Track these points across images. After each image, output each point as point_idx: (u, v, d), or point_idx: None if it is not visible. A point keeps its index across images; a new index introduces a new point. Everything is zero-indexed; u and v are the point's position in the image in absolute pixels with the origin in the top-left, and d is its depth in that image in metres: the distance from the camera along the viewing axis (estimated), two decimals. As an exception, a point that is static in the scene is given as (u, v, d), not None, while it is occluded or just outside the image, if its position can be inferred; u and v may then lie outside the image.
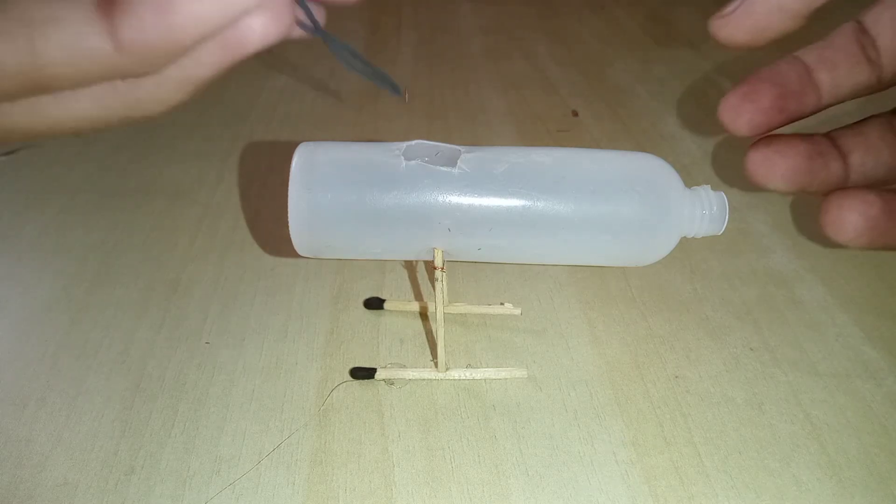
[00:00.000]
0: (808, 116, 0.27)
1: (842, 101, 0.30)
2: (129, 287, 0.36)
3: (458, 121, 0.52)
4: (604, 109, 0.54)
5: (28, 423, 0.28)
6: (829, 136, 0.31)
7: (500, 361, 0.31)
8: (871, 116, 0.31)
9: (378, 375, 0.30)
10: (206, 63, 0.15)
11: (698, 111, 0.53)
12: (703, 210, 0.27)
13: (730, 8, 0.23)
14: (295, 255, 0.27)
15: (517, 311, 0.34)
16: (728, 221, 0.27)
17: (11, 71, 0.13)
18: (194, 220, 0.40)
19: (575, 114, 0.53)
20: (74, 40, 0.13)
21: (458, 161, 0.26)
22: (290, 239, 0.26)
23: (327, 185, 0.25)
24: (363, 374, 0.30)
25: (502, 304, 0.34)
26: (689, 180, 0.32)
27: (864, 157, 0.30)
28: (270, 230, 0.40)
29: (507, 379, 0.30)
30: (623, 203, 0.26)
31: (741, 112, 0.25)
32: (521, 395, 0.30)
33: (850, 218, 0.28)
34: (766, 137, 0.26)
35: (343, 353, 0.32)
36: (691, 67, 0.59)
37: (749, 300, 0.35)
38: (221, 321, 0.33)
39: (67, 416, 0.29)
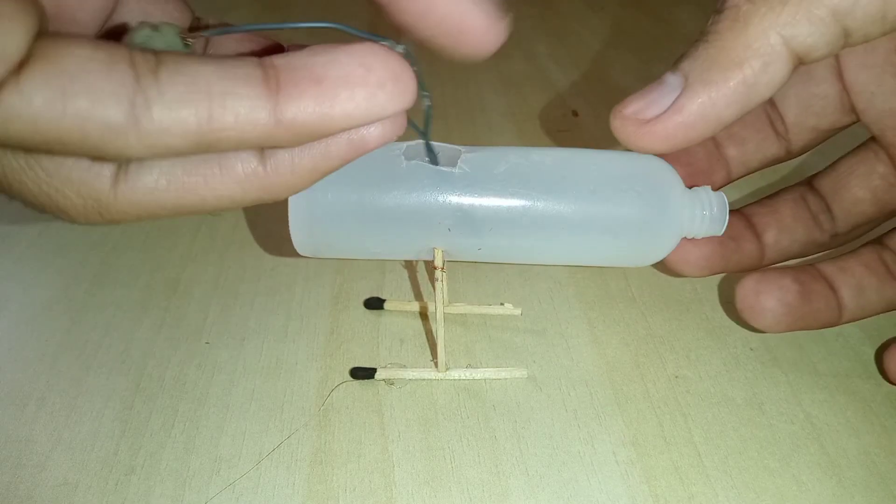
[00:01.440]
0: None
1: (751, 173, 0.31)
2: (129, 287, 0.36)
3: (458, 121, 0.52)
4: (604, 109, 0.54)
5: (28, 423, 0.28)
6: (743, 214, 0.31)
7: (500, 361, 0.31)
8: (783, 190, 0.31)
9: (378, 375, 0.30)
10: (334, 156, 0.18)
11: (698, 111, 0.53)
12: (704, 211, 0.27)
13: (652, 111, 0.23)
14: (295, 254, 0.27)
15: (517, 312, 0.34)
16: (728, 222, 0.27)
17: (190, 130, 0.16)
18: (194, 219, 0.40)
19: (575, 114, 0.53)
20: (245, 111, 0.16)
21: (459, 161, 0.26)
22: (290, 238, 0.26)
23: (327, 184, 0.25)
24: (363, 374, 0.30)
25: (502, 304, 0.34)
26: (689, 180, 0.32)
27: (779, 235, 0.30)
28: (270, 230, 0.40)
29: (507, 379, 0.30)
30: (623, 203, 0.26)
31: None
32: (521, 395, 0.30)
33: (768, 304, 0.29)
34: None
35: (343, 353, 0.32)
36: (691, 67, 0.58)
37: (749, 300, 0.35)
38: (221, 321, 0.33)
39: (67, 416, 0.29)
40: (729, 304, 0.34)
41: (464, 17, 0.19)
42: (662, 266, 0.31)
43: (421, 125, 0.23)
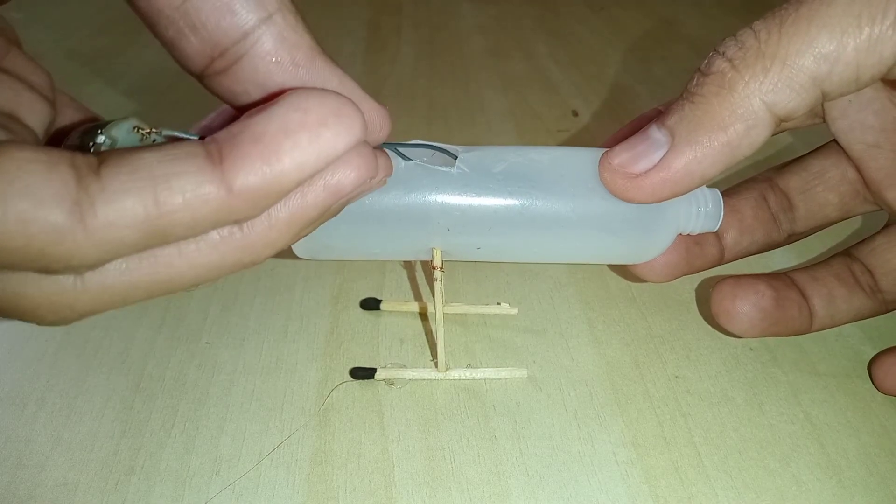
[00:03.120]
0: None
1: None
2: (129, 287, 0.36)
3: (458, 121, 0.52)
4: (604, 109, 0.54)
5: (28, 423, 0.28)
6: None
7: (500, 361, 0.31)
8: (743, 186, 0.32)
9: (378, 375, 0.30)
10: (311, 205, 0.17)
11: (698, 111, 0.53)
12: (699, 207, 0.27)
13: (640, 166, 0.24)
14: (295, 255, 0.27)
15: (513, 311, 0.34)
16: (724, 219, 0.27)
17: (139, 219, 0.15)
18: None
19: (575, 114, 0.53)
20: (191, 188, 0.15)
21: (457, 161, 0.26)
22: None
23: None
24: (363, 374, 0.30)
25: (499, 303, 0.34)
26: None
27: (740, 237, 0.31)
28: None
29: (507, 379, 0.30)
30: (619, 200, 0.26)
31: None
32: (521, 395, 0.30)
33: (744, 309, 0.29)
34: None
35: (343, 354, 0.32)
36: (691, 67, 0.58)
37: (749, 300, 0.35)
38: (221, 321, 0.33)
39: (67, 416, 0.29)
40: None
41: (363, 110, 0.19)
42: (626, 272, 0.31)
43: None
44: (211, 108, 0.22)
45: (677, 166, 0.23)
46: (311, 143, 0.16)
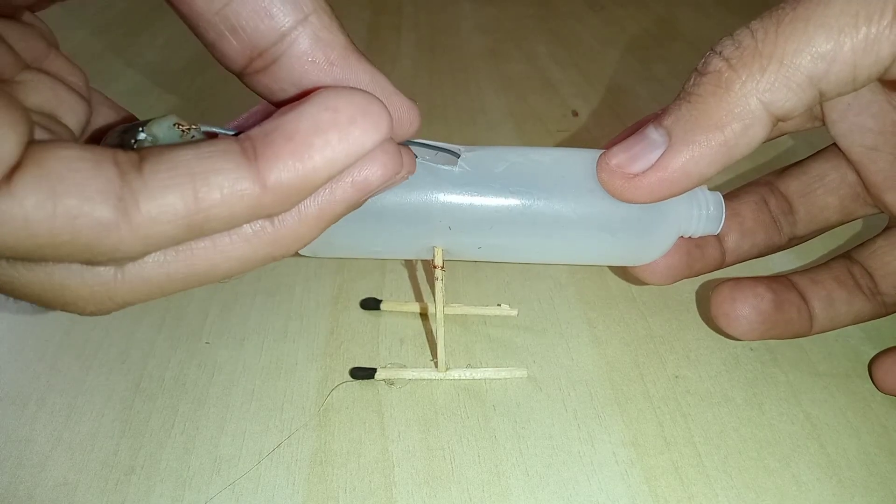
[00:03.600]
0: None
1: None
2: (129, 287, 0.36)
3: (458, 121, 0.52)
4: (604, 109, 0.54)
5: (28, 423, 0.28)
6: None
7: (500, 361, 0.31)
8: (744, 190, 0.32)
9: (378, 375, 0.30)
10: (339, 200, 0.18)
11: (698, 111, 0.53)
12: (701, 210, 0.27)
13: (637, 166, 0.24)
14: (295, 254, 0.27)
15: (514, 313, 0.34)
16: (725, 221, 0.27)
17: (180, 214, 0.16)
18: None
19: (575, 114, 0.53)
20: (229, 184, 0.16)
21: (459, 160, 0.26)
22: (290, 239, 0.26)
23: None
24: (363, 374, 0.30)
25: (499, 305, 0.34)
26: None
27: (740, 240, 0.31)
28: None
29: (507, 379, 0.30)
30: (621, 202, 0.26)
31: None
32: (521, 395, 0.30)
33: (743, 312, 0.30)
34: None
35: (343, 354, 0.32)
36: (691, 67, 0.58)
37: (749, 300, 0.35)
38: (221, 321, 0.33)
39: (67, 416, 0.29)
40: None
41: (392, 107, 0.20)
42: (627, 274, 0.31)
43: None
44: (213, 109, 0.22)
45: (674, 166, 0.23)
46: (341, 140, 0.17)
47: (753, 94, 0.22)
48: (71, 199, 0.15)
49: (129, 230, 0.15)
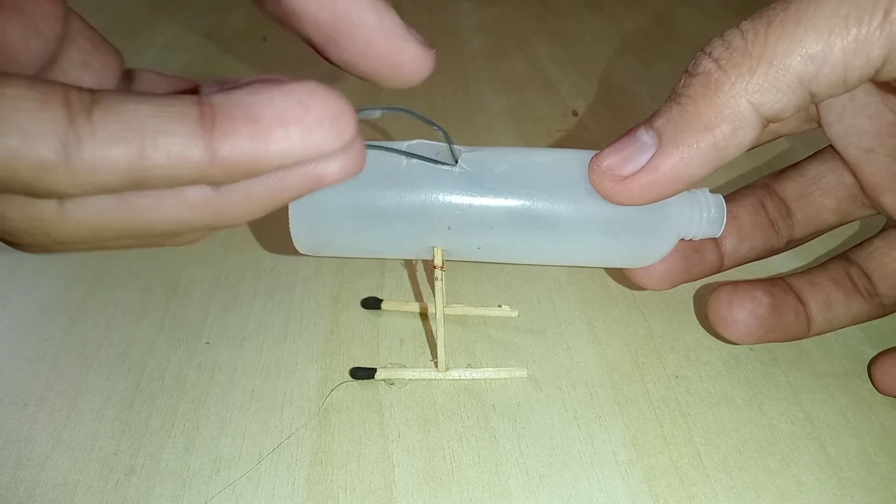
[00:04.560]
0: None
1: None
2: (129, 287, 0.36)
3: (458, 121, 0.52)
4: (604, 109, 0.54)
5: (28, 423, 0.28)
6: None
7: (500, 361, 0.31)
8: (741, 193, 0.32)
9: (378, 375, 0.30)
10: (290, 188, 0.18)
11: (698, 111, 0.53)
12: (702, 212, 0.27)
13: (628, 168, 0.24)
14: (295, 253, 0.27)
15: (514, 314, 0.34)
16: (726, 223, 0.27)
17: (120, 168, 0.16)
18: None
19: (575, 114, 0.53)
20: (177, 149, 0.16)
21: (459, 160, 0.26)
22: (289, 238, 0.26)
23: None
24: (363, 374, 0.30)
25: (500, 306, 0.34)
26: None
27: (738, 244, 0.31)
28: (270, 228, 0.40)
29: (507, 379, 0.30)
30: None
31: None
32: (521, 395, 0.30)
33: (740, 317, 0.30)
34: None
35: (343, 353, 0.32)
36: (691, 67, 0.58)
37: (749, 300, 0.35)
38: (221, 321, 0.33)
39: (67, 416, 0.29)
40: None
41: (400, 53, 0.20)
42: (626, 280, 0.31)
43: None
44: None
45: (664, 168, 0.23)
46: (302, 138, 0.17)
47: (743, 95, 0.22)
48: (11, 139, 0.15)
49: (67, 174, 0.15)
